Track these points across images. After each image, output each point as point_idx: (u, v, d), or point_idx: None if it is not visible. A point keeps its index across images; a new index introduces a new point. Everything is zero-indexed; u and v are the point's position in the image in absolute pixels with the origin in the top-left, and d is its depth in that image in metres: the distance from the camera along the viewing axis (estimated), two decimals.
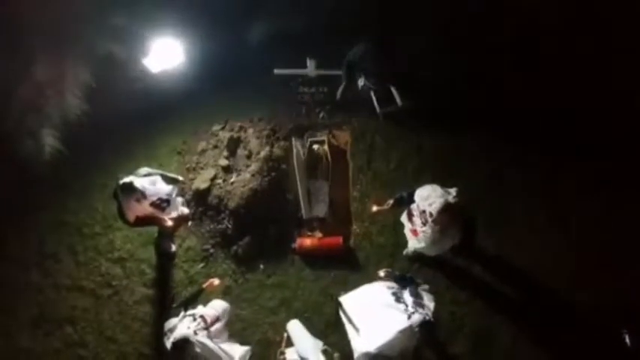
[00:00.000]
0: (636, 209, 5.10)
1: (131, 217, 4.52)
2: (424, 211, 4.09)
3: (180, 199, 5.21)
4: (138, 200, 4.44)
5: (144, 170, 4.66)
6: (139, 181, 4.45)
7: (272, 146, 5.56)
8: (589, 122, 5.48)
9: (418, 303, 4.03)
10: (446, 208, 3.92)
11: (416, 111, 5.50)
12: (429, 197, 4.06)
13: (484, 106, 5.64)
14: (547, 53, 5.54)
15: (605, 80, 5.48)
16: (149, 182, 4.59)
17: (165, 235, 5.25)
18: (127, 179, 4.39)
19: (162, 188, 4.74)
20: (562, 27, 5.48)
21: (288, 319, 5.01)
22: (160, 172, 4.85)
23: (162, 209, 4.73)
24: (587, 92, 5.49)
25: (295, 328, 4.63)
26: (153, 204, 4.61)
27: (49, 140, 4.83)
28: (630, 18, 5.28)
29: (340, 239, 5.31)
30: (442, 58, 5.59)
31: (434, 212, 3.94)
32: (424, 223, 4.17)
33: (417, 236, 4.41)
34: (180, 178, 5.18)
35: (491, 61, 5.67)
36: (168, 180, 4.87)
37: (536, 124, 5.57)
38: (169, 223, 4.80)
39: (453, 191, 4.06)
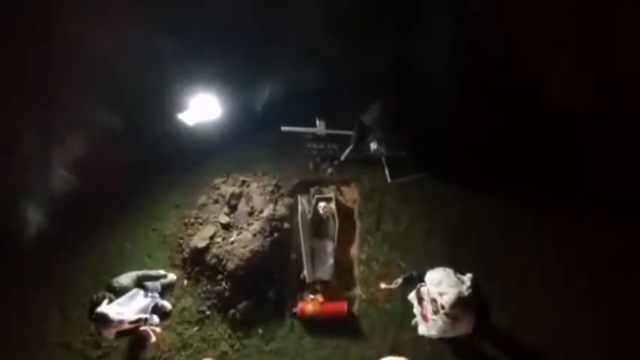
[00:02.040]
0: None
1: (110, 336, 4.45)
2: (435, 300, 3.80)
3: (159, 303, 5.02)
4: (115, 327, 4.34)
5: (123, 280, 4.50)
6: (112, 310, 4.28)
7: (275, 203, 5.29)
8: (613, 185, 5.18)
9: None
10: (458, 302, 3.64)
11: (427, 177, 5.22)
12: (440, 284, 3.80)
13: (498, 169, 5.36)
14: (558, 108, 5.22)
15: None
16: (126, 300, 4.45)
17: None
18: (100, 310, 4.21)
19: (140, 304, 4.60)
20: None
21: None
22: (143, 273, 4.76)
23: (141, 322, 4.63)
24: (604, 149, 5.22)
25: None
26: (131, 322, 4.50)
27: (35, 215, 4.60)
28: None
29: (344, 305, 5.03)
30: (454, 121, 5.30)
31: (446, 306, 3.66)
32: (435, 312, 3.88)
33: (426, 322, 4.12)
34: (162, 272, 5.09)
35: (502, 120, 5.38)
36: (152, 279, 4.84)
37: (555, 188, 5.27)
38: (153, 339, 4.72)
39: (467, 280, 3.81)
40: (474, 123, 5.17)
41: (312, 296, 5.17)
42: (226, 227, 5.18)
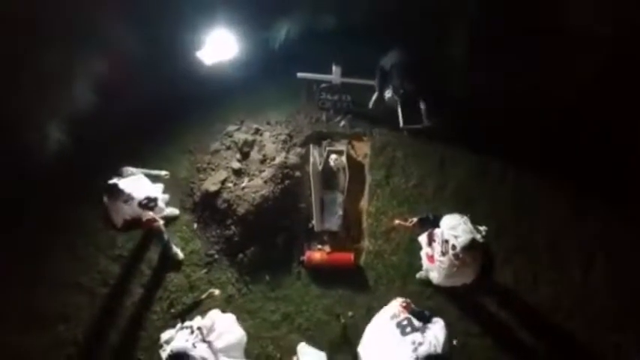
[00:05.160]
0: None
1: (119, 220, 4.38)
2: (447, 241, 3.85)
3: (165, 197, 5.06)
4: (126, 202, 4.31)
5: (127, 170, 4.53)
6: (123, 182, 4.34)
7: (288, 152, 5.31)
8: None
9: (426, 333, 3.76)
10: (471, 246, 3.70)
11: (441, 129, 5.22)
12: (456, 228, 3.84)
13: (513, 126, 5.38)
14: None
15: None
16: (134, 182, 4.47)
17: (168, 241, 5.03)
18: (111, 181, 4.29)
19: (149, 187, 4.65)
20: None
21: (289, 335, 4.87)
22: (143, 170, 4.74)
23: (151, 209, 4.58)
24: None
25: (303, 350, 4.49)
26: (141, 204, 4.47)
27: (56, 133, 4.56)
28: None
29: (351, 256, 5.07)
30: (469, 78, 5.31)
31: (458, 246, 3.72)
32: (444, 254, 3.93)
33: (432, 264, 4.17)
34: (164, 173, 5.02)
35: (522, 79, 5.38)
36: (152, 178, 4.80)
37: (570, 153, 5.31)
38: (160, 222, 4.59)
39: (483, 230, 3.83)
40: (491, 80, 5.18)
41: (319, 246, 5.23)
42: (238, 173, 5.21)
